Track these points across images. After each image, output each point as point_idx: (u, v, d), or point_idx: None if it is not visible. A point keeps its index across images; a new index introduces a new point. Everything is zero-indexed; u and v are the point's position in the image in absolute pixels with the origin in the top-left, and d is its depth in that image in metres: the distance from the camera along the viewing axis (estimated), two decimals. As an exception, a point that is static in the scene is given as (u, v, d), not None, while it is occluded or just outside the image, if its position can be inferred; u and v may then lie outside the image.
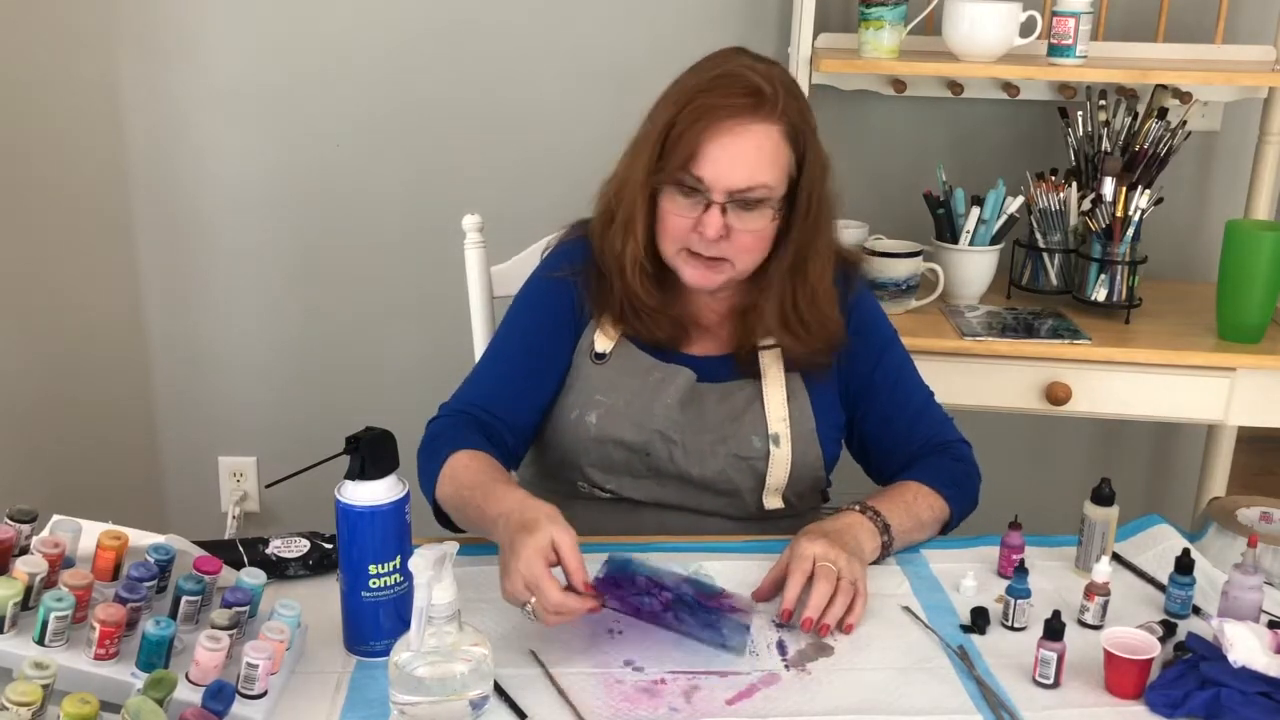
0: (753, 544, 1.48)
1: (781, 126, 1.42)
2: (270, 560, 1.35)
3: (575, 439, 1.53)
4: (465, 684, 1.11)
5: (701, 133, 1.40)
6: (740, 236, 1.43)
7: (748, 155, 1.40)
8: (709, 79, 1.43)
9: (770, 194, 1.42)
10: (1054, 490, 2.65)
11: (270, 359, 2.64)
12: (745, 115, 1.40)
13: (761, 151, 1.41)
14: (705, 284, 1.48)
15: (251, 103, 2.49)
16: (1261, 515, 1.48)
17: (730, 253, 1.45)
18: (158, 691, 1.01)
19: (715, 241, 1.43)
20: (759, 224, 1.44)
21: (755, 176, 1.41)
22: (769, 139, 1.41)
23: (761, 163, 1.41)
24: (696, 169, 1.41)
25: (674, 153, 1.41)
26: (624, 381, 1.53)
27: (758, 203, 1.42)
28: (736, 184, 1.41)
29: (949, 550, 1.47)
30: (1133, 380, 2.12)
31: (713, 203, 1.41)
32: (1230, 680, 1.15)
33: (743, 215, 1.42)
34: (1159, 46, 2.34)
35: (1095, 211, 2.17)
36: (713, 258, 1.45)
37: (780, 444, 1.52)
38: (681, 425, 1.52)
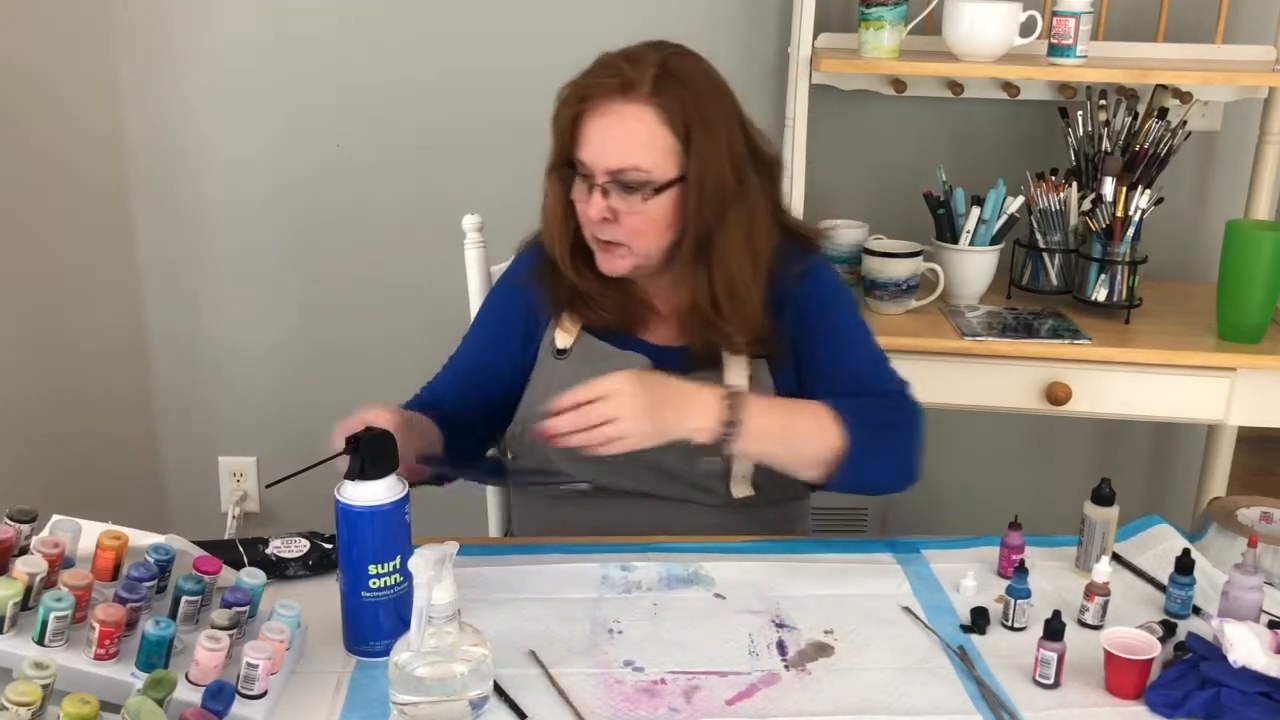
0: (753, 544, 1.48)
1: (653, 110, 1.42)
2: (270, 560, 1.35)
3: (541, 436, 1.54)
4: (465, 684, 1.11)
5: (578, 117, 1.44)
6: (627, 219, 1.44)
7: (619, 136, 1.42)
8: (592, 65, 1.47)
9: (648, 176, 1.42)
10: (1054, 490, 2.66)
11: (270, 359, 2.65)
12: (615, 97, 1.42)
13: (633, 133, 1.42)
14: (609, 269, 1.49)
15: (252, 103, 2.49)
16: (1261, 515, 1.48)
17: (623, 236, 1.46)
18: (158, 691, 1.01)
19: (600, 224, 1.45)
20: (642, 206, 1.44)
21: (628, 158, 1.42)
22: (640, 121, 1.42)
23: (634, 144, 1.42)
24: (579, 152, 1.44)
25: (561, 140, 1.46)
26: (583, 372, 1.51)
27: (637, 185, 1.43)
28: (612, 164, 1.42)
29: (949, 550, 1.47)
30: (1133, 380, 2.12)
31: (595, 185, 1.43)
32: (1230, 680, 1.15)
33: (626, 198, 1.43)
34: (1159, 46, 2.34)
35: (1095, 211, 2.17)
36: (608, 241, 1.47)
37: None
38: None
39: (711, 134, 1.44)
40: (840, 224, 2.30)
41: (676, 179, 1.43)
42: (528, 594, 1.35)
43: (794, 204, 2.23)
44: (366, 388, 2.64)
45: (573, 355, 1.55)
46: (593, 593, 1.36)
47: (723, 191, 1.45)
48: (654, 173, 1.42)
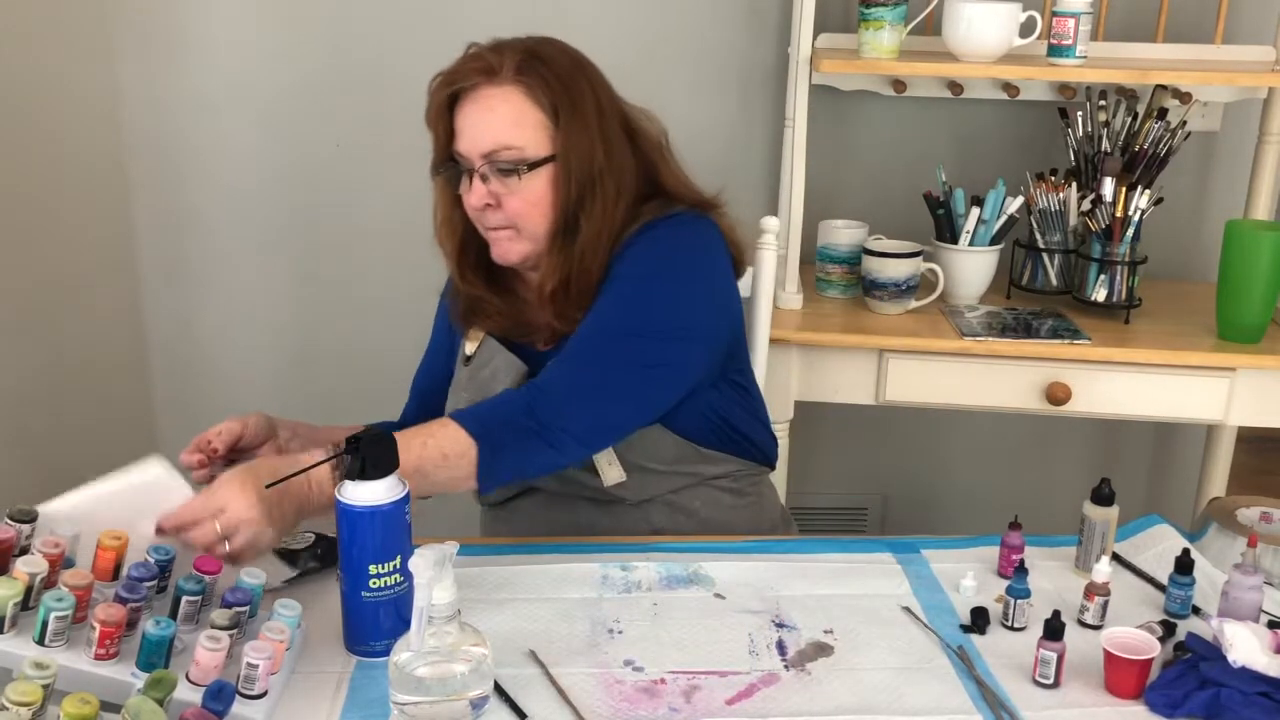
0: (753, 544, 1.48)
1: (519, 88, 1.44)
2: (281, 553, 1.36)
3: None
4: (465, 684, 1.11)
5: (448, 110, 1.46)
6: (508, 201, 1.46)
7: (487, 118, 1.44)
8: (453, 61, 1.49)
9: (521, 154, 1.44)
10: (1054, 490, 2.66)
11: (270, 359, 2.65)
12: (479, 81, 1.44)
13: (500, 114, 1.44)
14: (504, 257, 1.50)
15: (251, 103, 2.49)
16: (1261, 515, 1.48)
17: (505, 219, 1.47)
18: (158, 691, 1.01)
19: (484, 211, 1.46)
20: (523, 188, 1.45)
21: (499, 138, 1.43)
22: (506, 101, 1.44)
23: (503, 124, 1.43)
24: (455, 145, 1.46)
25: (437, 136, 1.48)
26: (480, 374, 1.57)
27: (513, 164, 1.44)
28: (485, 147, 1.44)
29: (949, 550, 1.47)
30: (1133, 380, 2.12)
31: (474, 173, 1.45)
32: (1230, 680, 1.15)
33: (504, 180, 1.45)
34: (1159, 47, 2.34)
35: (1095, 211, 2.17)
36: (497, 228, 1.48)
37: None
38: None
39: (578, 110, 1.46)
40: (840, 224, 2.31)
41: (549, 157, 1.45)
42: (528, 594, 1.35)
43: (794, 204, 2.24)
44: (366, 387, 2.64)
45: (475, 359, 1.58)
46: (593, 593, 1.36)
47: (592, 167, 1.46)
48: (526, 150, 1.44)
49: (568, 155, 1.44)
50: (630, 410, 1.45)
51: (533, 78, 1.45)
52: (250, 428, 1.44)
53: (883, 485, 2.75)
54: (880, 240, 2.25)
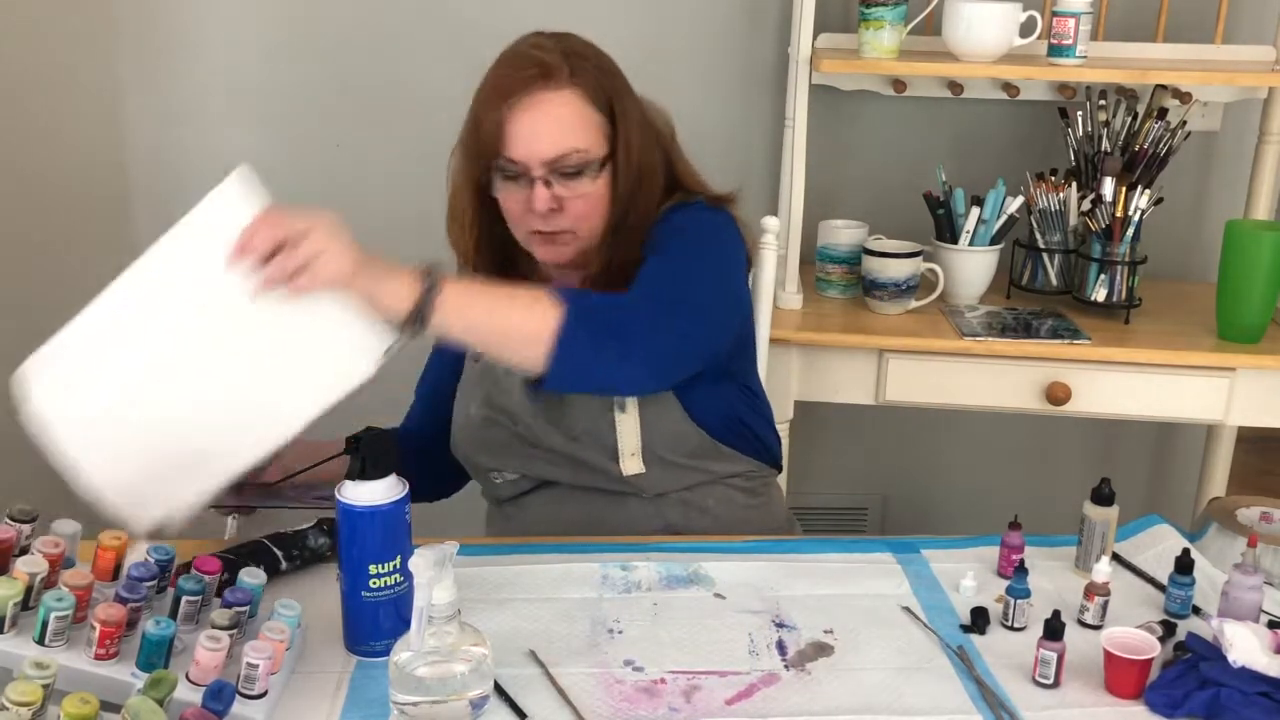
0: (752, 544, 1.48)
1: (577, 90, 1.44)
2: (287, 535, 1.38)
3: (469, 432, 1.58)
4: (465, 684, 1.11)
5: (503, 117, 1.42)
6: (573, 204, 1.45)
7: (549, 124, 1.42)
8: (496, 64, 1.47)
9: (587, 157, 1.44)
10: (1054, 490, 2.65)
11: (270, 359, 2.64)
12: (536, 86, 1.42)
13: (562, 118, 1.43)
14: (557, 259, 1.49)
15: (252, 103, 2.49)
16: (1261, 515, 1.48)
17: (569, 223, 1.46)
18: (158, 691, 1.01)
19: (549, 215, 1.44)
20: (587, 189, 1.45)
21: (564, 143, 1.42)
22: (567, 104, 1.43)
23: (565, 129, 1.43)
24: (509, 152, 1.43)
25: (487, 144, 1.44)
26: (493, 371, 1.56)
27: (578, 167, 1.43)
28: (546, 154, 1.42)
29: (949, 550, 1.47)
30: (1133, 380, 2.12)
31: (535, 179, 1.43)
32: (1230, 680, 1.15)
33: (568, 183, 1.44)
34: (1159, 46, 2.34)
35: (1095, 211, 2.17)
36: (555, 231, 1.47)
37: (625, 409, 1.49)
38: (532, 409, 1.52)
39: (626, 106, 1.48)
40: (840, 224, 2.31)
41: (608, 156, 1.46)
42: (528, 594, 1.35)
43: (794, 204, 2.24)
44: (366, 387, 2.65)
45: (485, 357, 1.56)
46: (593, 592, 1.36)
47: (642, 161, 1.48)
48: (592, 151, 1.44)
49: (626, 152, 1.46)
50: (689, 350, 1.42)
51: (587, 78, 1.45)
52: None
53: (883, 485, 2.74)
54: (880, 240, 2.25)
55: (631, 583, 1.38)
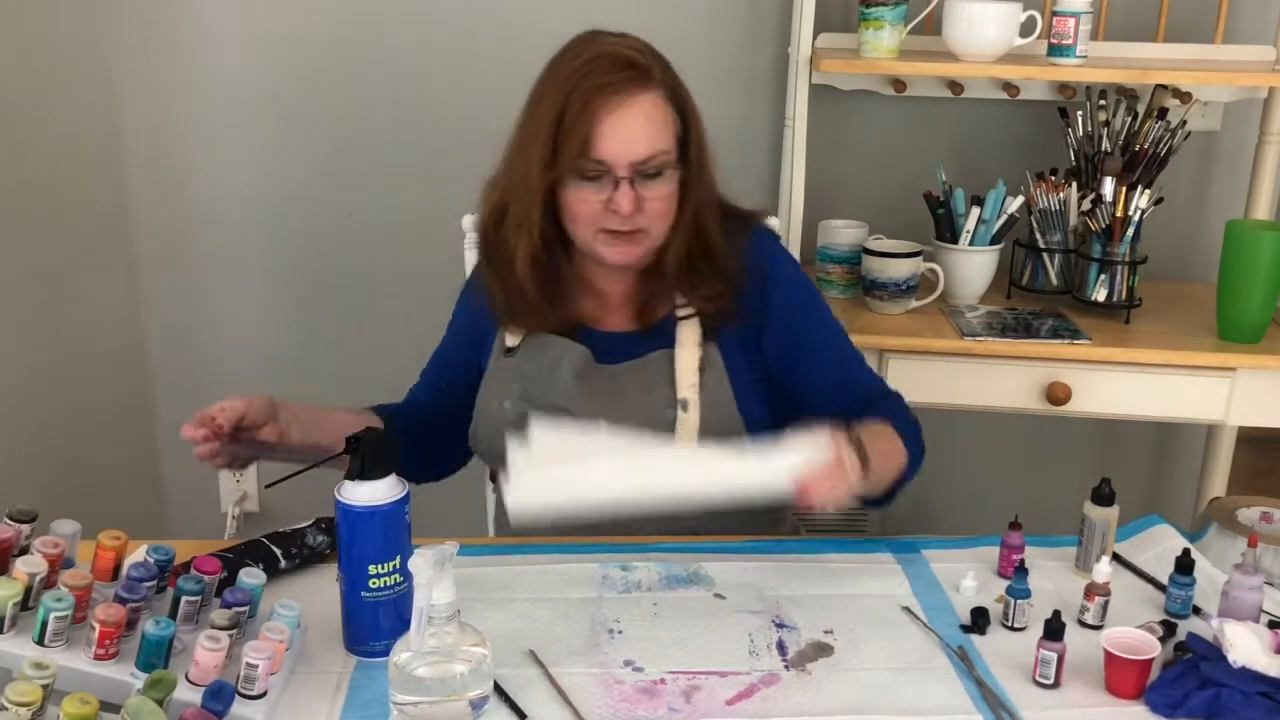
0: (752, 544, 1.48)
1: (662, 91, 1.45)
2: (285, 534, 1.38)
3: (497, 427, 1.55)
4: (465, 684, 1.11)
5: (593, 116, 1.41)
6: (651, 205, 1.45)
7: (641, 127, 1.43)
8: (583, 63, 1.45)
9: (668, 158, 1.45)
10: (1054, 490, 2.65)
11: (270, 359, 2.64)
12: (629, 88, 1.42)
13: (652, 120, 1.44)
14: (628, 259, 1.49)
15: (252, 103, 2.49)
16: (1261, 515, 1.48)
17: (644, 223, 1.46)
18: (158, 691, 1.01)
19: (631, 216, 1.45)
20: (665, 189, 1.46)
21: (653, 145, 1.43)
22: (655, 106, 1.44)
23: (655, 131, 1.44)
24: (596, 152, 1.42)
25: (569, 141, 1.42)
26: (528, 366, 1.56)
27: (660, 169, 1.44)
28: (637, 156, 1.42)
29: (949, 550, 1.47)
30: (1133, 380, 2.12)
31: (620, 180, 1.43)
32: (1230, 680, 1.15)
33: (649, 185, 1.44)
34: (1159, 46, 2.34)
35: (1095, 211, 2.17)
36: (630, 231, 1.47)
37: (689, 409, 1.50)
38: (583, 402, 1.52)
39: (693, 104, 1.50)
40: (840, 224, 2.31)
41: (682, 156, 1.47)
42: (528, 594, 1.35)
43: (794, 204, 2.24)
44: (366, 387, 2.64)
45: (520, 351, 1.57)
46: (593, 593, 1.36)
47: (708, 158, 1.51)
48: (672, 153, 1.46)
49: (698, 148, 1.49)
50: None
51: (669, 77, 1.47)
52: (254, 408, 1.44)
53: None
54: (880, 240, 2.24)
55: (631, 583, 1.38)
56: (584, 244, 1.50)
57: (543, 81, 1.50)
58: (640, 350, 1.55)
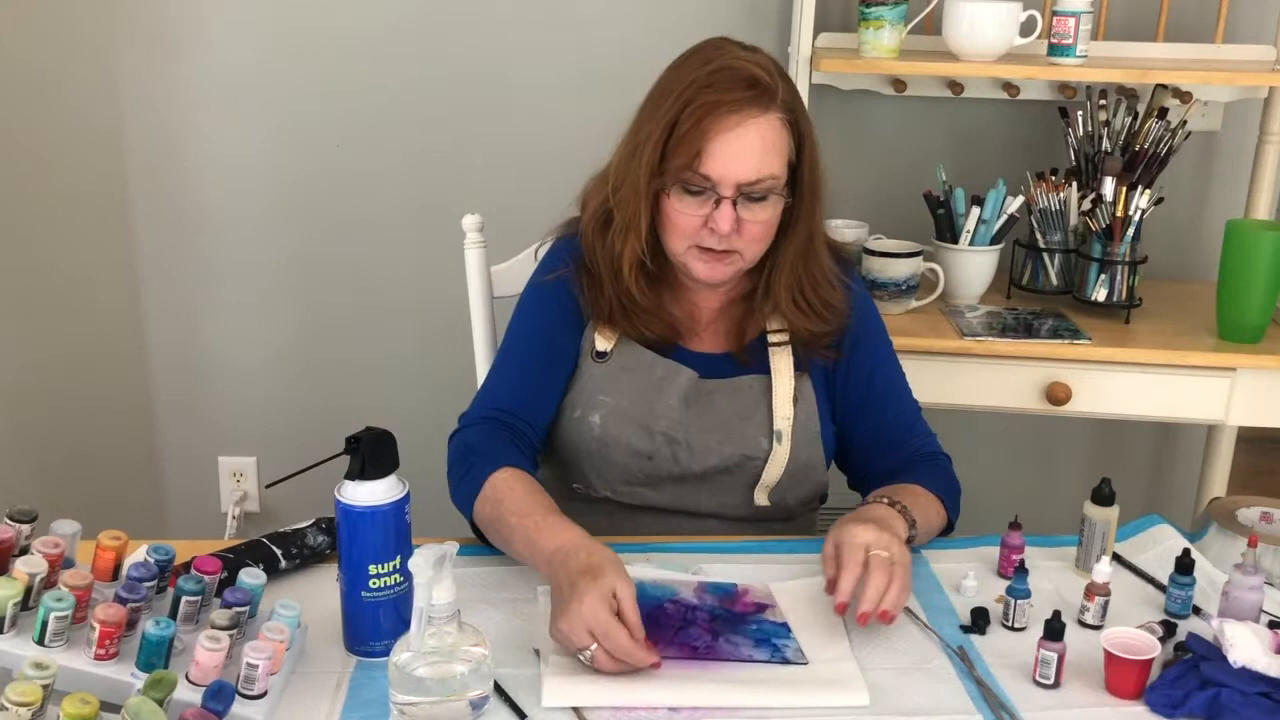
0: (752, 544, 1.48)
1: (782, 114, 1.42)
2: (286, 534, 1.37)
3: (577, 440, 1.52)
4: (465, 684, 1.11)
5: (706, 130, 1.38)
6: (749, 228, 1.43)
7: (754, 148, 1.39)
8: (707, 74, 1.41)
9: (776, 183, 1.42)
10: (1054, 490, 2.65)
11: (270, 359, 2.65)
12: (748, 108, 1.39)
13: (766, 143, 1.40)
14: (716, 278, 1.47)
15: (252, 103, 2.49)
16: (1261, 515, 1.48)
17: (740, 244, 1.44)
18: (158, 691, 1.00)
19: (730, 234, 1.42)
20: (767, 214, 1.44)
21: (762, 169, 1.40)
22: (771, 129, 1.41)
23: (767, 154, 1.40)
24: (703, 168, 1.39)
25: (678, 152, 1.40)
26: (626, 379, 1.52)
27: (765, 193, 1.42)
28: (745, 178, 1.40)
29: (949, 550, 1.47)
30: (1133, 380, 2.12)
31: (723, 198, 1.40)
32: (1230, 680, 1.15)
33: (751, 207, 1.42)
34: (1159, 46, 2.34)
35: (1095, 211, 2.17)
36: (723, 250, 1.44)
37: (782, 441, 1.51)
38: (685, 424, 1.51)
39: (811, 129, 1.46)
40: (840, 224, 2.30)
41: (789, 182, 1.45)
42: (528, 594, 1.34)
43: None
44: (366, 386, 2.65)
45: (612, 359, 1.53)
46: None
47: (821, 183, 1.48)
48: (781, 178, 1.43)
49: (811, 175, 1.46)
50: None
51: (790, 101, 1.43)
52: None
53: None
54: (880, 240, 2.24)
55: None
56: (676, 256, 1.47)
57: (662, 85, 1.46)
58: (732, 372, 1.54)
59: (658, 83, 1.47)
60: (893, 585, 1.24)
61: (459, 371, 2.01)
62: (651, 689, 1.17)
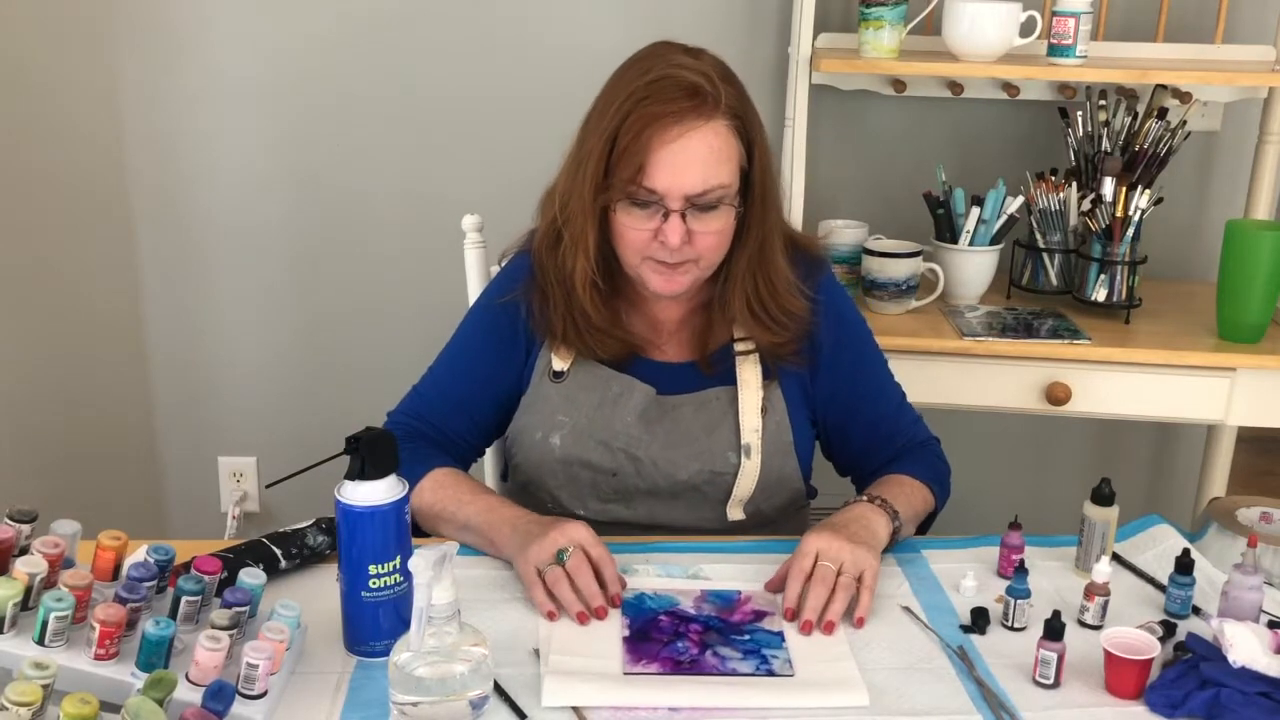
0: (751, 544, 1.48)
1: (727, 120, 1.37)
2: (285, 534, 1.37)
3: (541, 461, 1.51)
4: (465, 684, 1.11)
5: (647, 143, 1.34)
6: (702, 238, 1.40)
7: (698, 159, 1.35)
8: (645, 84, 1.36)
9: (726, 192, 1.39)
10: (1054, 490, 2.65)
11: (270, 359, 2.65)
12: (689, 117, 1.34)
13: (712, 151, 1.36)
14: (673, 289, 1.44)
15: (253, 102, 2.49)
16: (1261, 515, 1.48)
17: (694, 255, 1.41)
18: (158, 691, 1.00)
19: (681, 246, 1.39)
20: (719, 224, 1.40)
21: (709, 179, 1.36)
22: (718, 137, 1.36)
23: (713, 163, 1.36)
24: (648, 181, 1.35)
25: (621, 167, 1.36)
26: (583, 398, 1.50)
27: (715, 203, 1.38)
28: (691, 189, 1.36)
29: (949, 550, 1.47)
30: (1133, 380, 2.12)
31: (670, 211, 1.37)
32: (1230, 680, 1.15)
33: (702, 217, 1.38)
34: (1159, 46, 2.34)
35: (1095, 211, 2.17)
36: (679, 263, 1.42)
37: (751, 455, 1.49)
38: (645, 441, 1.50)
39: (762, 133, 1.42)
40: (840, 224, 2.31)
41: (741, 190, 1.41)
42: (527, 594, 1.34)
43: (794, 204, 2.24)
44: (366, 386, 2.65)
45: (570, 379, 1.51)
46: (593, 593, 1.35)
47: (774, 188, 1.45)
48: (731, 186, 1.39)
49: (762, 181, 1.42)
50: None
51: (737, 106, 1.38)
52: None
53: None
54: (880, 240, 2.24)
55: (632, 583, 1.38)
56: (631, 269, 1.45)
57: (604, 97, 1.42)
58: (698, 384, 1.52)
59: (600, 94, 1.43)
60: (836, 595, 1.28)
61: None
62: (652, 689, 1.17)
